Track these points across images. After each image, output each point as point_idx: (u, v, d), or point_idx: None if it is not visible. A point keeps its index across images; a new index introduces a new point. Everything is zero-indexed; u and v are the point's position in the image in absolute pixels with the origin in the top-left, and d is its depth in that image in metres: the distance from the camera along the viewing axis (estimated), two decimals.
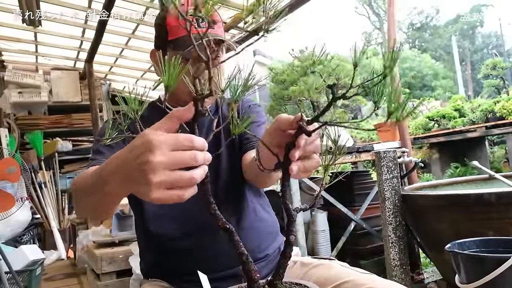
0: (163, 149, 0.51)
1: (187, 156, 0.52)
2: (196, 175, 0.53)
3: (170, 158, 0.51)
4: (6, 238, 3.43)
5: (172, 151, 0.51)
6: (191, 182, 0.53)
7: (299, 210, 0.65)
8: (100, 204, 0.72)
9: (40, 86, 4.82)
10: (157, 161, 0.50)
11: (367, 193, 2.54)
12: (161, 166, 0.51)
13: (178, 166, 0.52)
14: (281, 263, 0.64)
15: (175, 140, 0.52)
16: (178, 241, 0.96)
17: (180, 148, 0.52)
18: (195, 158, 0.52)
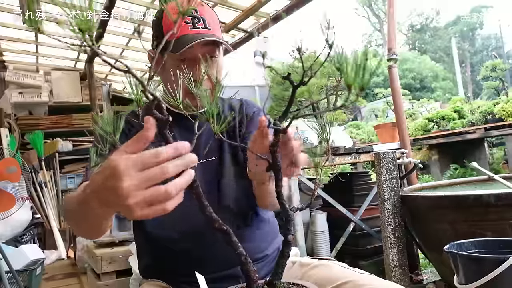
0: (130, 172, 0.51)
1: (155, 173, 0.51)
2: (170, 188, 0.52)
3: (138, 179, 0.51)
4: (7, 238, 3.44)
5: (139, 171, 0.51)
6: (168, 196, 0.52)
7: (295, 210, 0.66)
8: (89, 225, 0.73)
9: (41, 86, 4.83)
10: (126, 186, 0.50)
11: (367, 194, 2.55)
12: (132, 189, 0.50)
13: (149, 184, 0.51)
14: (280, 263, 0.64)
15: (140, 160, 0.51)
16: (176, 241, 0.96)
17: (146, 166, 0.51)
18: (163, 172, 0.51)
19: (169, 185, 0.52)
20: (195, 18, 0.95)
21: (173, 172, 0.52)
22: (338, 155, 2.35)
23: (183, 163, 0.53)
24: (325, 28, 0.51)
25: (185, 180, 0.54)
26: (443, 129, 5.34)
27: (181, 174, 0.53)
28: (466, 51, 22.83)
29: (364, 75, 0.49)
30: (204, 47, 0.96)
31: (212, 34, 0.96)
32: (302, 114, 0.59)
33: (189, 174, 0.54)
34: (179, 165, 0.53)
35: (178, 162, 0.53)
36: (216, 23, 1.01)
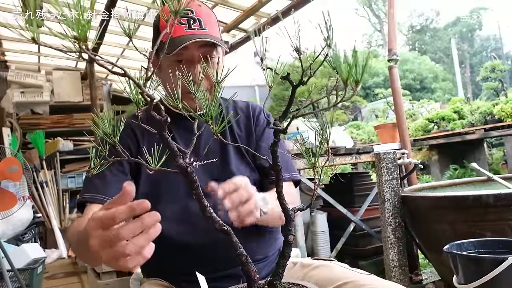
0: (94, 232, 0.57)
1: (110, 236, 0.55)
2: (129, 248, 0.55)
3: (100, 239, 0.56)
4: (8, 237, 3.44)
5: (102, 231, 0.56)
6: (126, 255, 0.55)
7: (296, 210, 0.66)
8: (92, 257, 0.74)
9: (42, 86, 4.83)
10: (91, 244, 0.57)
11: (367, 194, 2.55)
12: (97, 247, 0.56)
13: (110, 244, 0.55)
14: (280, 263, 0.65)
15: (100, 221, 0.56)
16: (177, 241, 0.96)
17: (106, 227, 0.56)
18: (117, 235, 0.55)
19: (128, 245, 0.55)
20: (191, 19, 0.95)
21: (127, 236, 0.55)
22: (338, 155, 2.36)
23: (140, 226, 0.55)
24: (324, 28, 0.52)
25: (144, 239, 0.56)
26: (443, 129, 5.35)
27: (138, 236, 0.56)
28: (466, 52, 22.83)
29: (357, 69, 0.51)
30: (201, 48, 0.96)
31: (208, 35, 0.96)
32: (302, 114, 0.59)
33: (152, 233, 0.56)
34: (135, 228, 0.55)
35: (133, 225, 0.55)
36: (213, 23, 1.00)
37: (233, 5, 3.20)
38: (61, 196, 4.66)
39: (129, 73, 0.55)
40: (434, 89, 16.78)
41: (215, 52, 0.99)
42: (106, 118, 0.64)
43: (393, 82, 2.65)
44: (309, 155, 0.61)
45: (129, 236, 0.55)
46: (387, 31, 2.77)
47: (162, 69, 0.99)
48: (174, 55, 0.93)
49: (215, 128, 0.62)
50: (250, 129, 1.07)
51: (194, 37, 0.92)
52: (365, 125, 7.96)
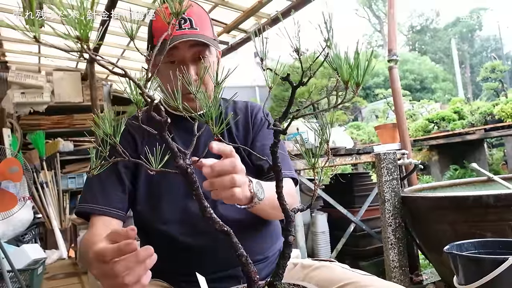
0: (93, 264, 0.62)
1: (105, 270, 0.60)
2: (127, 279, 0.59)
3: (99, 270, 0.61)
4: (9, 237, 3.45)
5: (101, 264, 0.60)
6: (122, 285, 0.59)
7: (296, 211, 0.66)
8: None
9: (43, 86, 4.84)
10: (94, 273, 0.64)
11: (367, 194, 2.55)
12: (98, 276, 0.62)
13: (108, 276, 0.60)
14: (281, 264, 0.64)
15: (96, 256, 0.61)
16: (177, 242, 0.96)
17: (103, 261, 0.60)
18: (112, 271, 0.59)
19: (128, 275, 0.59)
20: (182, 19, 0.95)
21: (122, 271, 0.58)
22: (338, 156, 2.36)
23: (134, 261, 0.59)
24: (325, 28, 0.52)
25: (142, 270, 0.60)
26: (443, 130, 5.35)
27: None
28: (466, 52, 22.84)
29: (358, 71, 0.50)
30: (192, 48, 0.96)
31: (199, 35, 0.95)
32: (302, 114, 0.59)
33: (148, 263, 0.60)
34: (130, 263, 0.59)
35: (128, 261, 0.59)
36: (205, 23, 0.99)
37: (233, 5, 3.20)
38: (61, 196, 4.66)
39: (130, 74, 0.55)
40: (434, 90, 16.78)
41: (207, 52, 0.98)
42: (106, 118, 0.64)
43: (393, 82, 2.65)
44: (309, 155, 0.61)
45: (124, 271, 0.58)
46: (387, 32, 2.77)
47: (159, 70, 0.99)
48: (167, 56, 0.93)
49: (215, 129, 0.62)
50: (247, 129, 1.07)
51: (183, 37, 0.92)
52: (365, 125, 7.97)
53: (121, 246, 0.59)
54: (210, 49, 0.99)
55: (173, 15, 0.56)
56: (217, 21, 3.46)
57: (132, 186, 1.01)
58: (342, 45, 0.52)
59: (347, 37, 0.52)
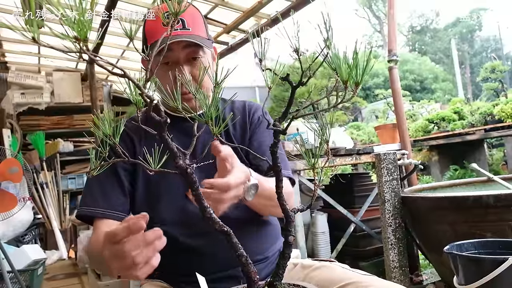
0: (106, 245, 0.64)
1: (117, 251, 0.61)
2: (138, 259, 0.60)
3: (110, 251, 0.63)
4: (9, 238, 3.45)
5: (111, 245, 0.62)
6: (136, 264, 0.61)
7: (296, 211, 0.66)
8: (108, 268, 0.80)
9: (42, 87, 4.84)
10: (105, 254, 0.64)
11: (367, 195, 2.55)
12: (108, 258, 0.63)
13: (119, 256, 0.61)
14: (281, 264, 0.64)
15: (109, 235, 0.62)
16: (177, 242, 0.96)
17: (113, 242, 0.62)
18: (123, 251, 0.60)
19: (137, 256, 0.60)
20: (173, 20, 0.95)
21: (131, 250, 0.60)
22: (338, 156, 2.36)
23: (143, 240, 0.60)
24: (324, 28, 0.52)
25: (151, 250, 0.61)
26: (443, 130, 5.35)
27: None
28: (466, 52, 22.85)
29: (357, 70, 0.51)
30: (185, 49, 0.96)
31: (192, 35, 0.95)
32: (302, 115, 0.59)
33: (157, 244, 0.61)
34: (138, 242, 0.60)
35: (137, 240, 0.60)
36: (197, 23, 0.99)
37: (233, 6, 3.20)
38: (61, 197, 4.66)
39: (129, 74, 0.55)
40: (434, 90, 16.78)
41: (201, 52, 0.98)
42: (106, 119, 0.64)
43: (393, 82, 2.66)
44: (309, 156, 0.61)
45: (133, 250, 0.60)
46: (387, 32, 2.77)
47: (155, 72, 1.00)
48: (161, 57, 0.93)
49: (215, 129, 0.62)
50: (245, 128, 1.07)
51: (174, 38, 0.92)
52: (365, 125, 7.97)
53: (130, 224, 0.60)
54: (204, 50, 0.99)
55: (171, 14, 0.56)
56: (216, 22, 3.46)
57: (132, 187, 1.01)
58: (342, 45, 0.52)
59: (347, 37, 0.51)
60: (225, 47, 3.83)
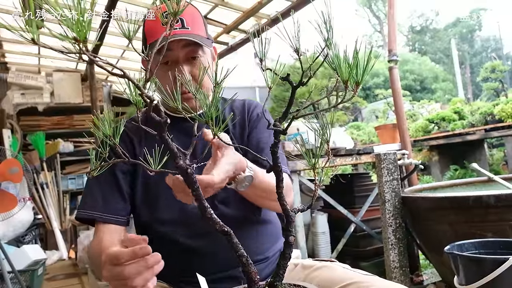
0: (105, 266, 0.64)
1: (117, 272, 0.62)
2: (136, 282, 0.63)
3: (110, 273, 0.63)
4: (9, 238, 3.45)
5: (112, 266, 0.63)
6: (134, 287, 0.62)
7: (297, 211, 0.65)
8: None
9: (42, 87, 4.84)
10: (104, 275, 0.65)
11: (367, 195, 2.55)
12: (108, 277, 0.64)
13: (118, 279, 0.63)
14: (281, 264, 0.64)
15: (109, 257, 0.63)
16: (177, 243, 0.96)
17: (114, 264, 0.63)
18: (123, 274, 0.62)
19: (136, 279, 0.62)
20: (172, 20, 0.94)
21: (132, 275, 0.62)
22: (339, 156, 2.36)
23: (144, 266, 0.63)
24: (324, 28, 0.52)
25: (150, 274, 0.64)
26: (443, 130, 5.34)
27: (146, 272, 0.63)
28: (466, 52, 22.85)
29: (358, 70, 0.50)
30: (185, 48, 0.95)
31: (191, 34, 0.94)
32: (302, 115, 0.59)
33: (156, 269, 0.65)
34: (139, 268, 0.62)
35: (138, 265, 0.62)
36: (197, 22, 0.99)
37: (233, 6, 3.20)
38: (61, 197, 4.66)
39: (129, 75, 0.55)
40: (434, 90, 16.79)
41: (200, 51, 0.98)
42: (106, 120, 0.64)
43: (393, 82, 2.65)
44: (309, 156, 0.61)
45: (134, 275, 0.62)
46: (387, 32, 2.77)
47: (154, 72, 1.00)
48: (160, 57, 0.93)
49: (215, 129, 0.62)
50: (244, 126, 1.07)
51: (174, 37, 0.92)
52: (366, 125, 7.96)
53: (135, 250, 0.62)
54: (204, 49, 0.99)
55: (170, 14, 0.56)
56: (216, 22, 3.46)
57: (131, 190, 1.01)
58: (342, 45, 0.52)
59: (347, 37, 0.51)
60: (225, 47, 3.83)
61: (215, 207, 0.96)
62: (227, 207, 0.98)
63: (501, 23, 26.62)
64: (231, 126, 1.07)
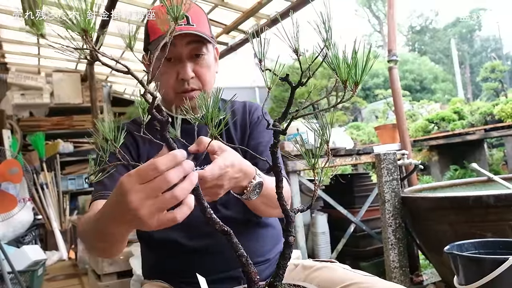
0: (134, 186, 0.54)
1: (158, 183, 0.54)
2: (177, 191, 0.55)
3: (143, 191, 0.54)
4: (9, 239, 3.45)
5: (143, 184, 0.54)
6: (175, 199, 0.55)
7: (296, 211, 0.66)
8: (107, 246, 0.76)
9: (42, 88, 4.85)
10: (133, 199, 0.54)
11: (367, 195, 2.55)
12: (139, 201, 0.54)
13: (155, 194, 0.54)
14: (281, 264, 0.64)
15: (140, 174, 0.54)
16: (177, 245, 0.96)
17: (147, 179, 0.54)
18: (166, 180, 0.54)
19: (176, 190, 0.54)
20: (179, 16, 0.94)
21: (175, 179, 0.54)
22: (338, 156, 2.36)
23: (183, 170, 0.55)
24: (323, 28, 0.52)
25: (190, 183, 0.56)
26: (443, 130, 5.34)
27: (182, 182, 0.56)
28: (465, 52, 22.86)
29: (356, 70, 0.51)
30: (189, 45, 0.94)
31: (196, 31, 0.94)
32: (301, 115, 0.59)
33: (193, 177, 0.56)
34: (180, 172, 0.55)
35: (178, 170, 0.55)
36: (202, 20, 0.98)
37: (232, 6, 3.20)
38: (61, 198, 4.66)
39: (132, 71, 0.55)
40: (434, 90, 16.79)
41: (204, 49, 0.97)
42: (106, 122, 0.64)
43: (393, 83, 2.66)
44: (309, 156, 0.61)
45: (176, 181, 0.54)
46: (387, 32, 2.77)
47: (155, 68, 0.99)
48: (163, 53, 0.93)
49: (214, 130, 0.62)
50: (245, 129, 1.06)
51: (178, 32, 0.91)
52: (365, 126, 7.96)
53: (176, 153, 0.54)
54: (208, 47, 0.99)
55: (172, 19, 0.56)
56: (216, 22, 3.46)
57: None
58: (341, 45, 0.52)
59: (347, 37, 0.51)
60: (225, 47, 3.83)
61: (216, 210, 0.96)
62: (228, 209, 0.98)
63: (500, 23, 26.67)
64: (233, 128, 1.07)
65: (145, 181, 0.54)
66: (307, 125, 0.61)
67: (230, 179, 0.73)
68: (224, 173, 0.71)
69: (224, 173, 0.71)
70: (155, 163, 0.54)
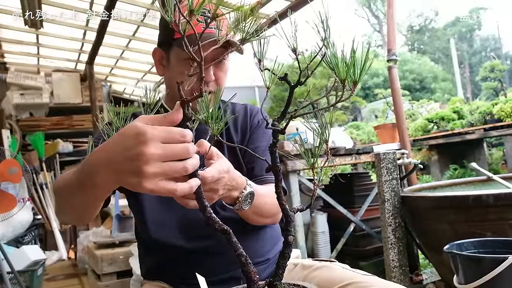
0: (156, 142, 0.52)
1: (179, 149, 0.54)
2: (189, 164, 0.55)
3: (163, 150, 0.53)
4: (8, 239, 3.45)
5: (164, 143, 0.53)
6: (184, 171, 0.55)
7: (296, 211, 0.66)
8: (84, 203, 0.70)
9: (42, 88, 4.84)
10: (151, 153, 0.52)
11: (367, 194, 2.56)
12: (154, 158, 0.52)
13: (170, 159, 0.53)
14: (280, 264, 0.64)
15: (168, 133, 0.54)
16: (177, 246, 0.96)
17: (172, 141, 0.54)
18: (187, 150, 0.55)
19: (187, 162, 0.55)
20: (208, 18, 0.94)
21: (191, 153, 0.55)
22: (338, 155, 2.36)
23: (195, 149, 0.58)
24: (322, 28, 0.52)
25: (197, 162, 0.57)
26: (443, 129, 5.34)
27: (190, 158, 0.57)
28: (465, 52, 22.86)
29: (355, 69, 0.51)
30: (217, 49, 0.95)
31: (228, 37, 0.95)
32: (300, 114, 0.59)
33: (197, 160, 0.58)
34: (196, 150, 0.58)
35: (195, 146, 0.57)
36: (225, 23, 1.00)
37: (232, 6, 3.20)
38: None
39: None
40: (434, 89, 16.80)
41: (227, 54, 0.99)
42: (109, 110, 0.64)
43: (393, 82, 2.66)
44: (308, 155, 0.61)
45: (191, 155, 0.55)
46: (387, 32, 2.77)
47: (171, 65, 0.98)
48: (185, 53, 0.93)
49: (215, 129, 0.62)
50: (245, 132, 1.06)
51: (210, 36, 0.89)
52: (365, 125, 7.96)
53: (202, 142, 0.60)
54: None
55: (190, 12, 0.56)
56: None
57: (134, 197, 1.00)
58: (340, 44, 0.52)
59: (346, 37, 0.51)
60: None
61: (215, 211, 0.96)
62: (226, 211, 0.98)
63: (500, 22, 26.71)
64: (234, 130, 1.07)
65: (168, 142, 0.53)
66: (307, 124, 0.61)
67: (225, 185, 0.73)
68: (221, 177, 0.71)
69: (221, 178, 0.71)
70: (183, 132, 0.54)
